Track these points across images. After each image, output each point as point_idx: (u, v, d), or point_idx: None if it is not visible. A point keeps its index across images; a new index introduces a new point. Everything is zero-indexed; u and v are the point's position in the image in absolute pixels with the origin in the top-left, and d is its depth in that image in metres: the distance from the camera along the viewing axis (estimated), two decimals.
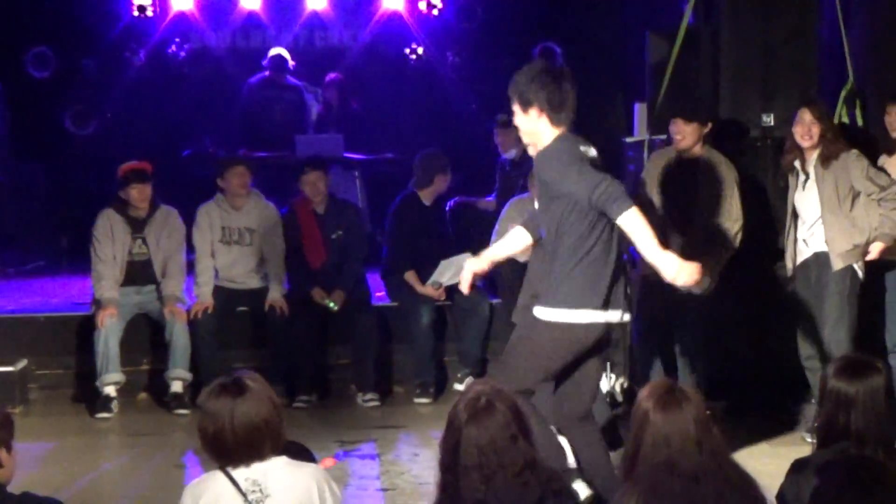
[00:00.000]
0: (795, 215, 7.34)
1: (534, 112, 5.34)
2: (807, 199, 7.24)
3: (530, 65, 5.52)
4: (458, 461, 3.57)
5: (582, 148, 5.36)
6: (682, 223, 7.30)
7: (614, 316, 5.35)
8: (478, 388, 3.69)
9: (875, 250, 7.11)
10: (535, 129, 5.38)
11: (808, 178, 7.21)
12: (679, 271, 5.13)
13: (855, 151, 7.14)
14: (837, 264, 7.13)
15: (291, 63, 12.13)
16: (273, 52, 12.12)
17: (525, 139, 5.52)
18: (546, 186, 5.31)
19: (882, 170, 7.33)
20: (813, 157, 7.17)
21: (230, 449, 3.76)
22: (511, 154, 9.62)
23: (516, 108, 5.42)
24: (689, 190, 7.36)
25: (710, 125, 7.45)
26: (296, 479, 3.81)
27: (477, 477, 3.53)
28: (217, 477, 3.80)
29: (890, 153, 7.48)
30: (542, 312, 5.35)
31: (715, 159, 7.38)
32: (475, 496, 3.53)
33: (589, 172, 5.17)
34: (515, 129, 5.66)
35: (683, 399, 3.60)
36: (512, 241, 5.83)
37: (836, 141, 7.13)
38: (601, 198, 5.08)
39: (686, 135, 7.38)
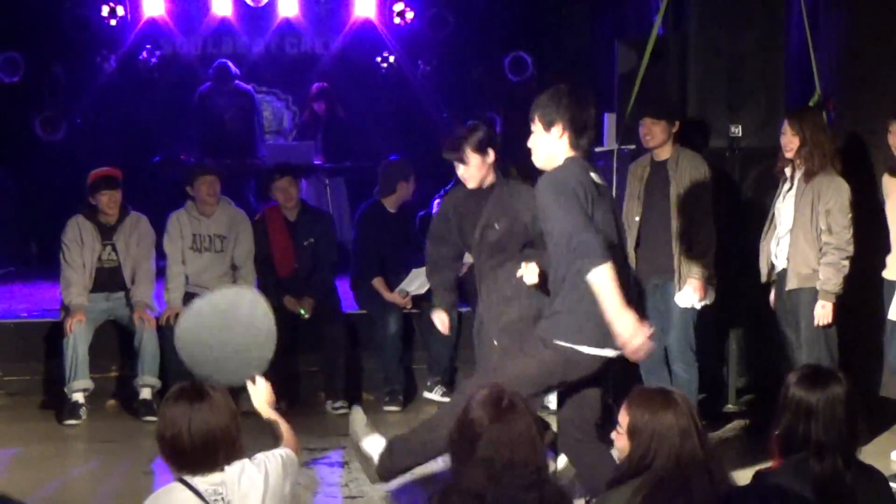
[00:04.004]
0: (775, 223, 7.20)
1: (556, 131, 5.22)
2: (784, 208, 7.07)
3: (556, 86, 5.36)
4: (470, 456, 3.57)
5: (592, 175, 5.22)
6: (663, 231, 7.34)
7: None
8: (493, 388, 3.69)
9: (826, 313, 6.81)
10: (553, 150, 5.24)
11: (791, 187, 7.04)
12: (633, 336, 4.89)
13: (841, 181, 6.86)
14: (792, 283, 6.94)
15: (235, 70, 12.17)
16: (218, 61, 12.19)
17: (538, 163, 5.32)
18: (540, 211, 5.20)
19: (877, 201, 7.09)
20: (801, 168, 6.96)
21: (185, 455, 3.74)
22: None
23: (537, 126, 5.27)
24: (665, 194, 7.38)
25: (678, 124, 7.44)
26: (253, 477, 3.81)
27: (484, 472, 3.53)
28: (177, 489, 3.76)
29: (894, 173, 7.04)
30: (546, 332, 5.24)
31: (684, 157, 7.37)
32: (476, 490, 3.53)
33: (574, 214, 4.98)
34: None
35: (679, 396, 3.69)
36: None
37: (814, 157, 6.86)
38: (575, 248, 4.92)
39: (654, 134, 7.39)
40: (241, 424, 3.84)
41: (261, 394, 4.40)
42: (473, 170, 6.15)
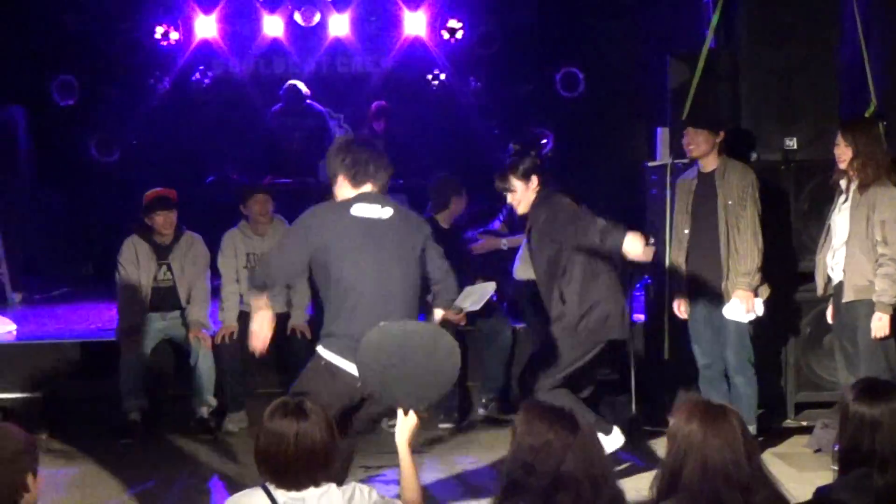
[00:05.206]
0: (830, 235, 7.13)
1: (340, 180, 5.73)
2: (840, 220, 7.00)
3: (336, 142, 6.04)
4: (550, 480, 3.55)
5: (356, 211, 5.65)
6: (712, 243, 7.30)
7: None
8: (549, 405, 3.73)
9: (882, 325, 6.72)
10: (342, 195, 5.74)
11: (847, 199, 6.97)
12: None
13: (894, 193, 6.81)
14: (849, 296, 6.86)
15: (306, 91, 12.19)
16: (288, 83, 12.20)
17: None
18: None
19: None
20: (856, 179, 6.91)
21: (288, 470, 3.82)
22: None
23: (332, 182, 5.81)
24: (713, 206, 7.35)
25: (722, 134, 7.40)
26: (334, 501, 3.86)
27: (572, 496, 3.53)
28: (257, 494, 3.86)
29: None
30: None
31: (731, 168, 7.34)
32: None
33: (281, 249, 5.75)
34: None
35: (729, 413, 3.64)
36: None
37: (868, 168, 6.79)
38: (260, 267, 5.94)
39: (698, 143, 7.36)
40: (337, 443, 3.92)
41: (406, 427, 4.57)
42: (519, 195, 6.82)
